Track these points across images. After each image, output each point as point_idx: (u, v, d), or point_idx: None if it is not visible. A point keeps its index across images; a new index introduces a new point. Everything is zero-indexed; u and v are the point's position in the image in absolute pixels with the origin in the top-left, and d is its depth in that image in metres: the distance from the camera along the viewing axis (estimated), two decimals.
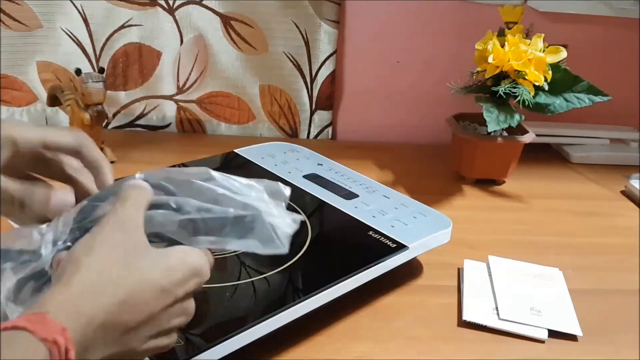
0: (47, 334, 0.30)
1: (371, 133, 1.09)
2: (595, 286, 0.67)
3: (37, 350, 0.30)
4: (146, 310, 0.35)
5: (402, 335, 0.56)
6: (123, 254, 0.36)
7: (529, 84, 0.80)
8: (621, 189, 0.93)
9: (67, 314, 0.32)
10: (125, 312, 0.34)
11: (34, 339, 0.30)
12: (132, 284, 0.35)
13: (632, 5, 1.02)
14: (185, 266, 0.38)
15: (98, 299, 0.33)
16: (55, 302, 0.32)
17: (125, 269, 0.35)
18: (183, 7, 0.96)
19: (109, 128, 1.02)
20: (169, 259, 0.37)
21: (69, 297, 0.33)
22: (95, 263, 0.35)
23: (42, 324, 0.31)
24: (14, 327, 0.30)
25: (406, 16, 1.01)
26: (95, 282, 0.34)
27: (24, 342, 0.30)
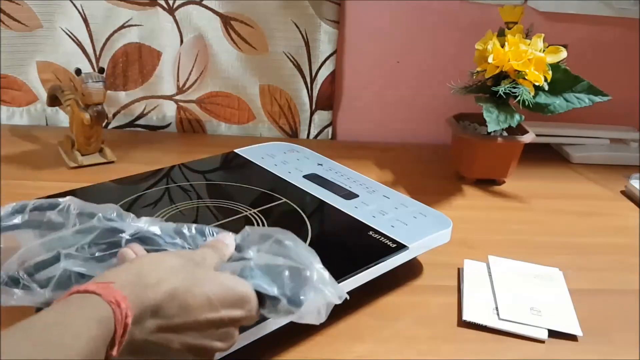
0: (112, 298, 0.34)
1: (371, 133, 1.09)
2: (595, 286, 0.67)
3: (102, 310, 0.34)
4: (192, 315, 0.38)
5: (402, 335, 0.56)
6: (184, 262, 0.40)
7: (529, 84, 0.80)
8: (621, 189, 0.93)
9: (128, 288, 0.36)
10: (173, 307, 0.37)
11: (101, 300, 0.34)
12: (186, 284, 0.38)
13: (632, 5, 1.02)
14: (236, 291, 0.40)
15: (154, 285, 0.37)
16: (120, 277, 0.37)
17: (182, 271, 0.39)
18: (183, 7, 0.96)
19: (109, 128, 1.02)
20: (224, 279, 0.41)
21: (132, 276, 0.37)
22: (161, 261, 0.39)
23: (109, 289, 0.35)
24: (85, 291, 0.35)
25: (406, 16, 1.01)
26: (155, 271, 0.38)
27: (92, 302, 0.34)
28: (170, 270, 0.39)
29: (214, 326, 0.39)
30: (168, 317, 0.37)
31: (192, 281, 0.39)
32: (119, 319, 0.34)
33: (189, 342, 0.38)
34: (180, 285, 0.38)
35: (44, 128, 1.01)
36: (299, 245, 0.45)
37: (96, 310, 0.34)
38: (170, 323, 0.37)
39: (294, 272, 0.43)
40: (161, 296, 0.37)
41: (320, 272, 0.43)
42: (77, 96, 0.83)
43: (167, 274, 0.38)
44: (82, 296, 0.35)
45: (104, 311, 0.34)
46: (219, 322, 0.39)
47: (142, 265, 0.38)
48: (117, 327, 0.34)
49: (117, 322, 0.34)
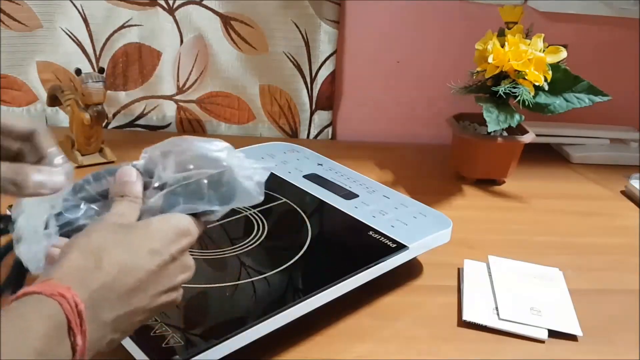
0: (52, 291, 0.34)
1: (371, 133, 1.09)
2: (595, 286, 0.67)
3: (48, 306, 0.33)
4: (142, 271, 0.38)
5: (402, 335, 0.56)
6: (113, 230, 0.39)
7: (529, 84, 0.80)
8: (621, 189, 0.93)
9: (69, 279, 0.35)
10: (122, 274, 0.37)
11: (42, 296, 0.34)
12: (124, 249, 0.38)
13: (632, 5, 1.02)
14: (169, 227, 0.41)
15: (95, 265, 0.37)
16: (57, 272, 0.36)
17: (116, 240, 0.38)
18: (183, 7, 0.96)
19: (109, 128, 1.02)
20: (152, 224, 0.41)
21: (69, 266, 0.36)
22: (89, 241, 0.38)
23: (48, 285, 0.34)
24: (24, 294, 0.34)
25: (406, 16, 1.01)
26: (91, 251, 0.37)
27: (34, 301, 0.34)
28: (103, 247, 0.38)
29: (168, 265, 0.40)
30: (122, 285, 0.37)
31: (129, 244, 0.38)
32: (67, 308, 0.33)
33: (155, 292, 0.39)
34: (121, 254, 0.38)
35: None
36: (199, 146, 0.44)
37: (41, 307, 0.33)
38: (127, 289, 0.37)
39: (211, 180, 0.42)
40: (105, 273, 0.36)
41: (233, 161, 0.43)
42: (77, 96, 0.83)
43: (102, 251, 0.37)
44: (25, 299, 0.34)
45: (50, 306, 0.33)
46: (170, 261, 0.40)
47: (73, 254, 0.37)
48: (68, 316, 0.33)
49: (67, 311, 0.33)
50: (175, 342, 0.45)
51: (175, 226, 0.41)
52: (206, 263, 0.57)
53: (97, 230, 0.39)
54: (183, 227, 0.41)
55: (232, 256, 0.57)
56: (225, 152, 0.43)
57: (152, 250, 0.39)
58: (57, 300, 0.33)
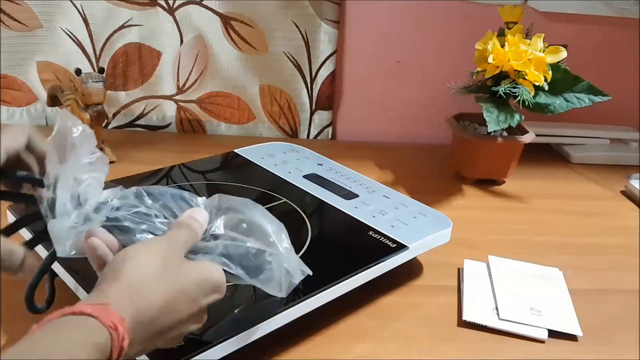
0: (110, 322, 0.34)
1: (371, 133, 1.09)
2: (595, 286, 0.67)
3: (100, 335, 0.33)
4: (177, 316, 0.39)
5: (402, 335, 0.56)
6: (162, 258, 0.40)
7: (529, 84, 0.80)
8: (621, 189, 0.93)
9: (124, 309, 0.36)
10: (162, 316, 0.38)
11: (99, 324, 0.34)
12: (171, 291, 0.38)
13: (632, 5, 1.02)
14: (212, 280, 0.41)
15: (146, 299, 0.37)
16: (114, 296, 0.36)
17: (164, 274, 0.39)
18: (183, 7, 0.96)
19: (109, 128, 1.02)
20: (202, 270, 0.41)
21: (124, 293, 0.37)
22: (142, 265, 0.39)
23: (106, 312, 0.34)
24: (81, 313, 0.34)
25: (406, 16, 1.01)
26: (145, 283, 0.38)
27: (90, 326, 0.34)
28: (158, 278, 0.38)
29: (193, 316, 0.40)
30: (156, 327, 0.38)
31: (175, 286, 0.39)
32: (116, 344, 0.34)
33: (172, 336, 0.39)
34: (166, 295, 0.38)
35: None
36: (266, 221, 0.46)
37: (94, 335, 0.33)
38: (158, 330, 0.38)
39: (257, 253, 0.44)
40: (156, 312, 0.37)
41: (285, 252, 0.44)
42: (77, 96, 0.83)
43: (156, 284, 0.38)
44: (78, 319, 0.34)
45: (102, 336, 0.33)
46: (198, 312, 0.41)
47: (131, 277, 0.38)
48: (113, 351, 0.34)
49: (114, 347, 0.34)
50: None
51: (216, 280, 0.42)
52: None
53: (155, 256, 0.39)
54: (220, 283, 0.42)
55: None
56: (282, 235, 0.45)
57: (193, 299, 0.40)
58: (110, 334, 0.34)
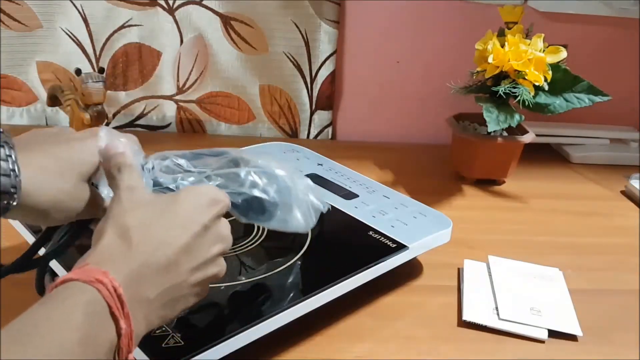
0: (89, 277, 0.34)
1: (371, 133, 1.09)
2: (595, 286, 0.67)
3: (86, 292, 0.33)
4: (177, 242, 0.38)
5: (402, 335, 0.56)
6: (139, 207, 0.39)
7: (529, 84, 0.80)
8: (621, 189, 0.93)
9: (104, 262, 0.36)
10: (157, 249, 0.37)
11: (80, 283, 0.34)
12: (155, 225, 0.38)
13: (632, 5, 1.02)
14: (197, 196, 0.41)
15: (127, 245, 0.37)
16: (92, 256, 0.36)
17: (145, 216, 0.39)
18: (183, 7, 0.96)
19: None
20: (179, 196, 0.41)
21: (102, 250, 0.37)
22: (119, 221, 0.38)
23: (84, 271, 0.35)
24: (62, 282, 0.34)
25: (406, 16, 1.01)
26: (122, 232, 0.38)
27: (75, 289, 0.34)
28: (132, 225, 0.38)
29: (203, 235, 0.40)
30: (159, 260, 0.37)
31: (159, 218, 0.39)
32: (106, 293, 0.34)
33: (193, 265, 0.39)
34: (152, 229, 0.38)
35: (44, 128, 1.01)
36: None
37: (79, 295, 0.33)
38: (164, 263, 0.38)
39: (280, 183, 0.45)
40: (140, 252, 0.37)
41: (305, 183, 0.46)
42: (77, 96, 0.83)
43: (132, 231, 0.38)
44: (64, 287, 0.34)
45: (88, 293, 0.33)
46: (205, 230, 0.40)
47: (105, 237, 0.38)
48: (108, 301, 0.34)
49: (107, 297, 0.34)
50: (175, 342, 0.45)
51: (204, 194, 0.41)
52: None
53: (124, 210, 0.39)
54: (212, 196, 0.41)
55: (232, 256, 0.57)
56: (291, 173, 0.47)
57: (182, 223, 0.39)
58: (95, 287, 0.34)
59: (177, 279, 0.38)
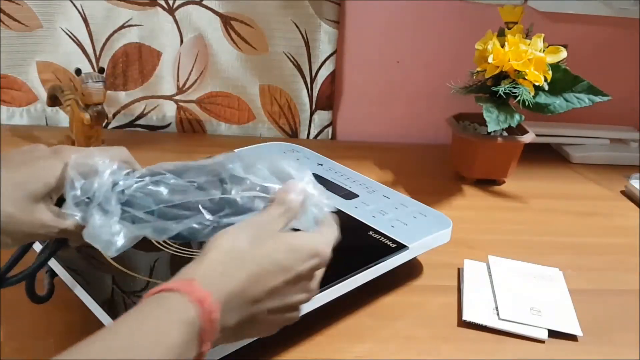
0: (197, 297, 0.35)
1: (371, 133, 1.09)
2: (595, 286, 0.67)
3: (188, 310, 0.34)
4: (270, 284, 0.39)
5: (402, 335, 0.56)
6: (252, 235, 0.40)
7: (529, 84, 0.80)
8: (621, 189, 0.93)
9: (210, 284, 0.37)
10: (252, 285, 0.38)
11: (185, 300, 0.35)
12: (259, 261, 0.39)
13: (632, 5, 1.02)
14: (306, 247, 0.42)
15: (232, 273, 0.38)
16: (199, 273, 0.37)
17: (253, 248, 0.40)
18: (183, 7, 0.96)
19: (109, 128, 1.02)
20: (294, 239, 0.42)
21: (209, 268, 0.38)
22: (230, 244, 0.40)
23: (192, 288, 0.35)
24: (168, 290, 0.35)
25: (406, 16, 1.01)
26: (230, 257, 0.39)
27: (177, 303, 0.35)
28: (241, 254, 0.39)
29: (293, 283, 0.41)
30: (249, 296, 0.38)
31: (263, 256, 0.40)
32: (205, 317, 0.35)
33: (274, 306, 0.40)
34: (255, 265, 0.39)
35: (44, 128, 1.01)
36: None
37: (180, 311, 0.34)
38: (252, 299, 0.39)
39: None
40: (239, 283, 0.38)
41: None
42: (77, 96, 0.83)
43: (239, 259, 0.39)
44: (166, 296, 0.35)
45: (189, 312, 0.34)
46: (297, 279, 0.41)
47: (216, 256, 0.39)
48: (203, 325, 0.35)
49: (203, 321, 0.35)
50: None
51: (311, 247, 0.42)
52: None
53: (240, 233, 0.40)
54: (318, 249, 0.42)
55: None
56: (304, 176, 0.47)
57: (283, 266, 0.40)
58: (198, 309, 0.35)
59: (256, 315, 0.40)
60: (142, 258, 0.58)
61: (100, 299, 0.50)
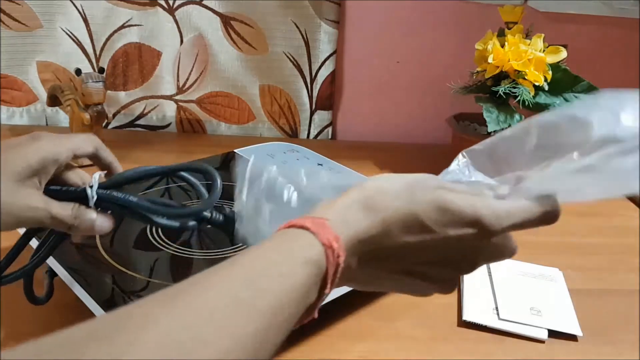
0: (326, 238, 0.34)
1: (371, 133, 1.09)
2: (595, 286, 0.67)
3: (316, 250, 0.33)
4: (400, 239, 0.36)
5: (402, 335, 0.56)
6: (405, 184, 0.37)
7: (529, 84, 0.80)
8: None
9: (340, 224, 0.35)
10: (384, 235, 0.36)
11: (315, 240, 0.34)
12: (395, 210, 0.36)
13: (632, 5, 1.02)
14: (463, 211, 0.36)
15: (364, 218, 0.36)
16: (332, 212, 0.36)
17: (395, 198, 0.37)
18: (183, 7, 0.96)
19: (109, 128, 1.02)
20: (448, 199, 0.37)
21: (342, 207, 0.36)
22: (373, 184, 0.38)
23: (323, 227, 0.34)
24: (300, 226, 0.34)
25: (406, 16, 1.01)
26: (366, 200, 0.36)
27: (306, 240, 0.34)
28: (379, 201, 0.36)
29: (429, 249, 0.37)
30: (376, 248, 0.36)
31: (410, 205, 0.36)
32: (330, 260, 0.33)
33: (397, 268, 0.38)
34: (390, 214, 0.36)
35: (44, 128, 1.01)
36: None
37: (309, 249, 0.33)
38: (378, 252, 0.36)
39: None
40: (372, 229, 0.36)
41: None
42: (77, 96, 0.83)
43: (375, 206, 0.36)
44: (296, 233, 0.34)
45: (316, 252, 0.33)
46: (435, 245, 0.37)
47: (350, 196, 0.37)
48: (328, 268, 0.33)
49: (329, 263, 0.33)
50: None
51: (470, 212, 0.36)
52: (206, 263, 0.57)
53: (394, 179, 0.38)
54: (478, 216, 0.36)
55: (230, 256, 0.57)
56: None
57: (427, 223, 0.36)
58: (326, 250, 0.33)
59: (378, 271, 0.38)
60: (142, 258, 0.58)
61: (100, 299, 0.50)
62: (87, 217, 0.44)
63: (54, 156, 0.43)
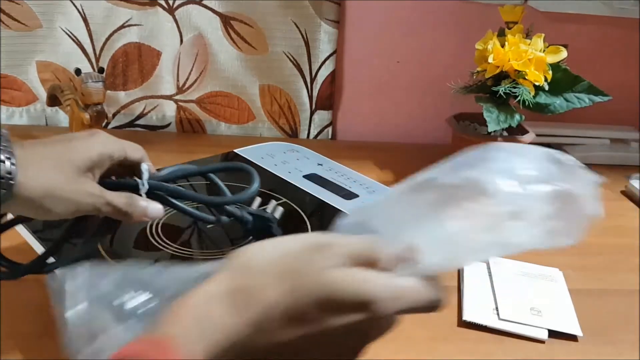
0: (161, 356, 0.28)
1: (371, 133, 1.09)
2: (595, 286, 0.67)
3: None
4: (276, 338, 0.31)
5: (401, 335, 0.56)
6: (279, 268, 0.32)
7: (529, 84, 0.80)
8: (621, 189, 0.93)
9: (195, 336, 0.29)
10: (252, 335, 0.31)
11: None
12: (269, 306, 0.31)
13: (632, 5, 1.02)
14: (351, 297, 0.32)
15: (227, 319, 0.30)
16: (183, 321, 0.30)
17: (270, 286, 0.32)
18: (183, 6, 0.96)
19: (109, 128, 1.02)
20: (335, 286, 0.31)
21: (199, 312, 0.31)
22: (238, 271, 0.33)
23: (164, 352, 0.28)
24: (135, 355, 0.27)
25: (406, 16, 1.01)
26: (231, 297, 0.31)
27: None
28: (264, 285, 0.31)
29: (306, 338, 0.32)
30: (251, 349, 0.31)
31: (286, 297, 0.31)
32: None
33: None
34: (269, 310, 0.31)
35: (43, 128, 1.01)
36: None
37: None
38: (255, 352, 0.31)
39: None
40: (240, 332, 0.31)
41: None
42: (76, 96, 0.83)
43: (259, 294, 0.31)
44: None
45: None
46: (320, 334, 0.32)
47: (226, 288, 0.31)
48: None
49: None
50: None
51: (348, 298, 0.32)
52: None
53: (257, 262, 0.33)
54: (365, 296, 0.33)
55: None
56: None
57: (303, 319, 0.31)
58: None
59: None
60: (142, 258, 0.58)
61: None
62: (140, 204, 0.47)
63: (111, 152, 0.47)
